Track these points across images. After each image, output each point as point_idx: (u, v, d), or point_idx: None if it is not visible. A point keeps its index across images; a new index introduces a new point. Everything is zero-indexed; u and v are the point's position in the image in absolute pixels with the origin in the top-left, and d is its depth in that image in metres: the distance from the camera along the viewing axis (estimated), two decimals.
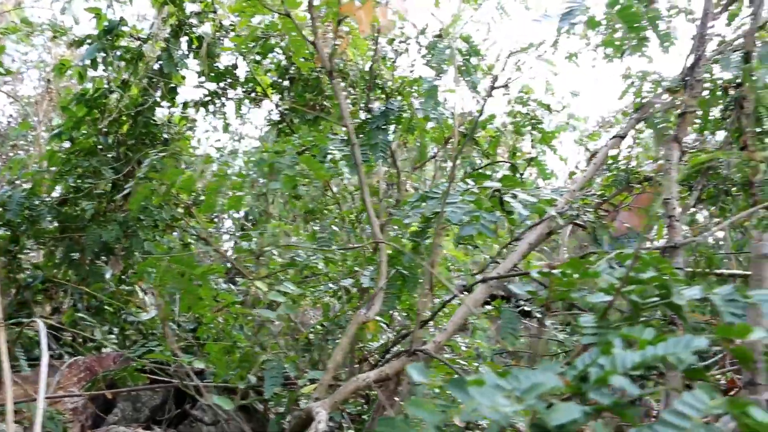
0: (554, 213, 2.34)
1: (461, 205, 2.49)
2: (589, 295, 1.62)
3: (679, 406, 1.20)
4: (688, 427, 1.17)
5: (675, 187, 2.37)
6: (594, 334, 1.59)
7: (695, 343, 1.34)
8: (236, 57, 5.10)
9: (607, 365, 1.31)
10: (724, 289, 1.54)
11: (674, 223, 2.30)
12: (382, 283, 2.65)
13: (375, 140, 3.55)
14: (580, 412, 1.20)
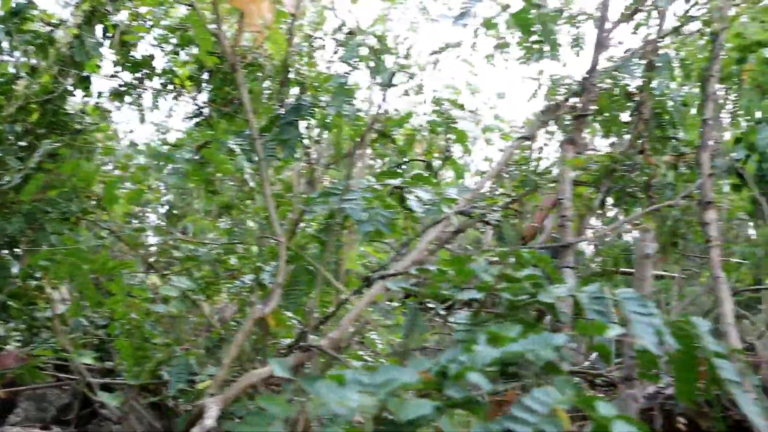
0: (449, 212, 2.35)
1: (360, 202, 2.48)
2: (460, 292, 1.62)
3: (527, 401, 1.21)
4: (535, 421, 1.18)
5: (568, 188, 2.41)
6: (466, 331, 1.60)
7: (554, 340, 1.36)
8: (154, 47, 4.97)
9: (466, 361, 1.31)
10: (591, 288, 1.57)
11: (566, 222, 2.34)
12: (280, 279, 2.62)
13: (286, 136, 3.50)
14: (430, 408, 1.20)
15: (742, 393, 1.50)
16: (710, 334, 1.58)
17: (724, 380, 1.52)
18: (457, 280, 1.71)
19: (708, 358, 1.56)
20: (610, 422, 1.19)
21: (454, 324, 1.62)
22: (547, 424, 1.17)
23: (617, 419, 1.20)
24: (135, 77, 5.03)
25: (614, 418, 1.20)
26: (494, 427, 1.16)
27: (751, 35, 4.37)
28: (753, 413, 1.48)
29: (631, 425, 1.18)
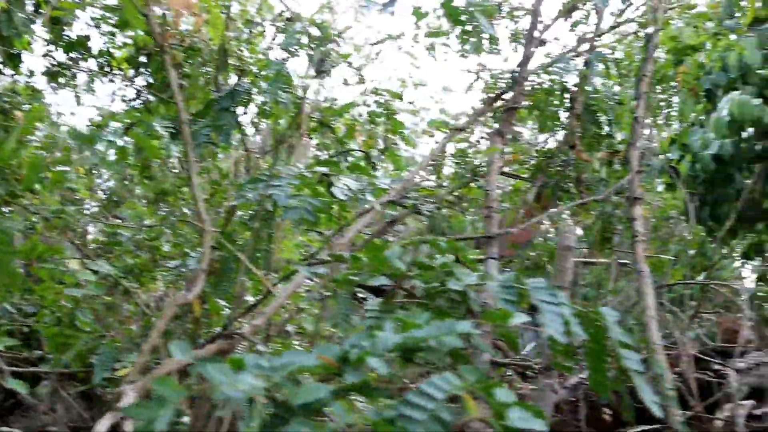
0: (373, 201, 2.33)
1: (286, 188, 2.45)
2: (370, 278, 1.61)
3: (425, 387, 1.20)
4: (432, 408, 1.17)
5: (495, 180, 2.42)
6: (377, 317, 1.58)
7: (459, 327, 1.35)
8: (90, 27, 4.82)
9: (367, 346, 1.30)
10: (504, 277, 1.57)
11: (492, 214, 2.34)
12: (204, 265, 2.57)
13: (221, 121, 3.44)
14: (326, 392, 1.18)
15: (644, 382, 1.52)
16: (619, 325, 1.59)
17: (627, 369, 1.53)
18: (373, 268, 1.70)
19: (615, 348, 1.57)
20: (506, 409, 1.19)
21: (366, 310, 1.60)
22: (444, 410, 1.16)
23: (514, 406, 1.19)
24: (70, 57, 4.87)
25: (511, 404, 1.20)
26: (389, 413, 1.14)
27: (685, 39, 4.47)
28: (652, 402, 1.50)
29: (526, 412, 1.18)
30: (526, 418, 1.17)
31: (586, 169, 3.25)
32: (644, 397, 1.50)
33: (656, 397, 1.51)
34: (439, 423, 1.15)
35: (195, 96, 4.15)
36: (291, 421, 1.13)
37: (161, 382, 1.18)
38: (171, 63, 2.90)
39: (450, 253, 1.79)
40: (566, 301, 1.53)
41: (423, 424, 1.15)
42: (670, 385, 2.58)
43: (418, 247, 1.67)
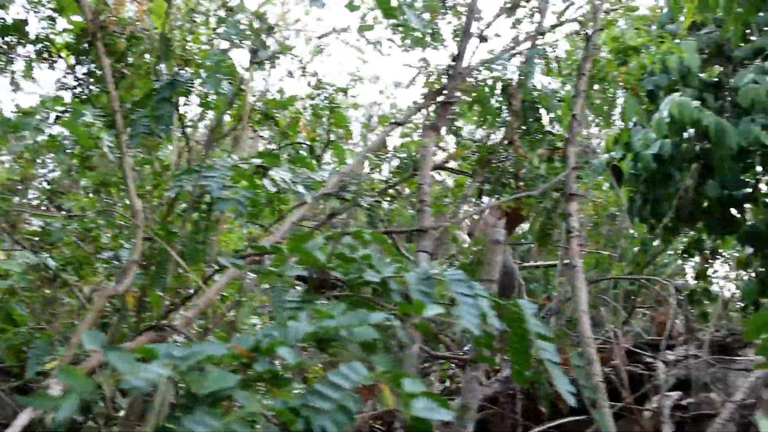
0: (305, 192, 2.32)
1: (220, 179, 2.42)
2: (290, 269, 1.61)
3: (332, 377, 1.21)
4: (338, 397, 1.18)
5: (428, 173, 2.43)
6: (297, 308, 1.58)
7: (371, 318, 1.36)
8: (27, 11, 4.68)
9: (278, 336, 1.30)
10: (420, 269, 1.58)
11: (424, 208, 2.36)
12: (136, 256, 2.53)
13: (160, 111, 3.38)
14: (233, 381, 1.17)
15: (560, 373, 1.55)
16: (535, 317, 1.62)
17: (544, 360, 1.56)
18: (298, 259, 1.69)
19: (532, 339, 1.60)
20: (413, 399, 1.20)
21: (287, 301, 1.60)
22: (350, 400, 1.17)
23: (421, 396, 1.20)
24: (5, 42, 4.73)
25: (419, 395, 1.21)
26: (294, 402, 1.14)
27: (628, 40, 4.56)
28: (567, 392, 1.53)
29: (433, 402, 1.19)
30: (432, 408, 1.18)
31: (523, 165, 3.30)
32: (559, 387, 1.53)
33: (571, 387, 1.54)
34: (344, 413, 1.15)
35: (137, 85, 4.08)
36: (195, 410, 1.12)
37: (65, 373, 1.16)
38: (104, 51, 2.84)
39: (375, 245, 1.80)
40: (484, 294, 1.55)
41: (328, 413, 1.15)
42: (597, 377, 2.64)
43: (340, 239, 1.67)
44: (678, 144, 6.00)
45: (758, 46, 6.03)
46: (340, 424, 1.14)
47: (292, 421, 1.11)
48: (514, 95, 3.24)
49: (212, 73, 3.31)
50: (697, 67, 5.94)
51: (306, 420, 1.13)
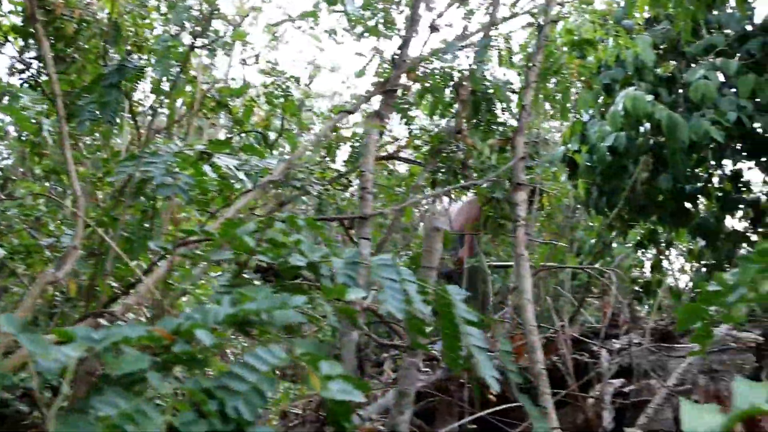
0: (246, 180, 2.32)
1: (162, 166, 2.40)
2: (217, 253, 1.61)
3: (249, 359, 1.21)
4: (254, 380, 1.18)
5: (371, 161, 2.44)
6: (225, 292, 1.58)
7: (292, 301, 1.37)
8: None
9: (198, 319, 1.30)
10: (348, 253, 1.59)
11: (366, 195, 2.37)
12: (77, 242, 2.50)
13: (107, 98, 3.34)
14: (148, 363, 1.17)
15: (486, 359, 1.57)
16: (464, 303, 1.64)
17: (470, 346, 1.58)
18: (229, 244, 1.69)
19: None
20: (329, 381, 1.21)
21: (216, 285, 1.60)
22: (265, 382, 1.18)
23: (338, 378, 1.22)
24: None
25: (335, 377, 1.22)
26: (209, 383, 1.15)
27: (583, 34, 4.61)
28: (491, 378, 1.55)
29: (348, 384, 1.21)
30: (347, 390, 1.19)
31: (472, 155, 3.33)
32: (485, 373, 1.55)
33: (496, 373, 1.57)
34: (258, 395, 1.16)
35: (87, 71, 4.02)
36: (106, 392, 1.12)
37: None
38: (45, 33, 2.79)
39: (309, 231, 1.81)
40: (411, 279, 1.57)
41: (243, 395, 1.16)
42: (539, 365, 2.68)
43: (272, 224, 1.68)
44: (633, 137, 6.10)
45: (710, 43, 6.14)
46: (253, 405, 1.14)
47: (204, 402, 1.11)
48: (462, 85, 3.26)
49: (161, 59, 3.27)
50: (652, 62, 6.03)
51: (219, 401, 1.13)
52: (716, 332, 2.95)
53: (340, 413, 1.31)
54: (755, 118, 5.92)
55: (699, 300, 2.06)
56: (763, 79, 5.79)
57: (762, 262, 1.86)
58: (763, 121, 5.97)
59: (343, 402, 1.24)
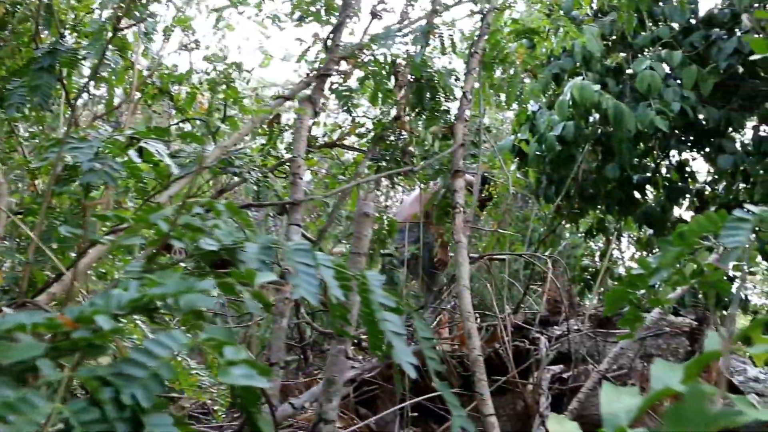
0: (172, 165, 2.27)
1: (89, 151, 2.34)
2: (126, 237, 1.57)
3: (148, 344, 1.18)
4: (154, 365, 1.16)
5: (303, 146, 2.42)
6: (138, 278, 1.54)
7: (200, 285, 1.34)
8: None
9: (100, 304, 1.26)
10: (263, 238, 1.57)
11: (297, 180, 2.35)
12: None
13: (37, 81, 3.23)
14: (42, 350, 1.13)
15: (402, 344, 1.56)
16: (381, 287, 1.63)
17: (386, 331, 1.57)
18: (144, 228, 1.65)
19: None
20: (231, 366, 1.19)
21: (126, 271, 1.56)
22: (165, 368, 1.15)
23: (241, 363, 1.19)
24: None
25: (238, 362, 1.20)
26: (103, 371, 1.11)
27: (528, 23, 4.64)
28: (407, 363, 1.54)
29: (252, 369, 1.18)
30: (249, 375, 1.17)
31: (411, 142, 3.32)
32: (401, 359, 1.53)
33: (413, 359, 1.55)
34: (157, 381, 1.13)
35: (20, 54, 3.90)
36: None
37: None
38: None
39: (229, 215, 1.78)
40: (328, 264, 1.55)
41: (141, 381, 1.13)
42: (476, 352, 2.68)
43: (191, 209, 1.64)
44: (582, 126, 6.17)
45: (656, 35, 6.24)
46: (150, 392, 1.12)
47: (97, 389, 1.08)
48: (400, 71, 3.26)
49: (93, 42, 3.18)
50: (600, 53, 6.10)
51: (115, 388, 1.10)
52: (650, 317, 3.00)
53: (248, 399, 1.29)
54: (698, 109, 6.04)
55: (624, 284, 2.08)
56: (705, 71, 5.90)
57: (682, 245, 1.89)
58: (705, 112, 6.09)
59: (250, 388, 1.22)
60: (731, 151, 6.16)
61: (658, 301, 2.10)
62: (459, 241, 2.98)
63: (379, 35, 3.14)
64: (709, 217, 1.85)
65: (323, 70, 2.72)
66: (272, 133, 3.53)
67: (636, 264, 2.09)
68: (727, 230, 1.70)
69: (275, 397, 2.28)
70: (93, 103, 4.65)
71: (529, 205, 8.72)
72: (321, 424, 1.92)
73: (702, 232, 1.85)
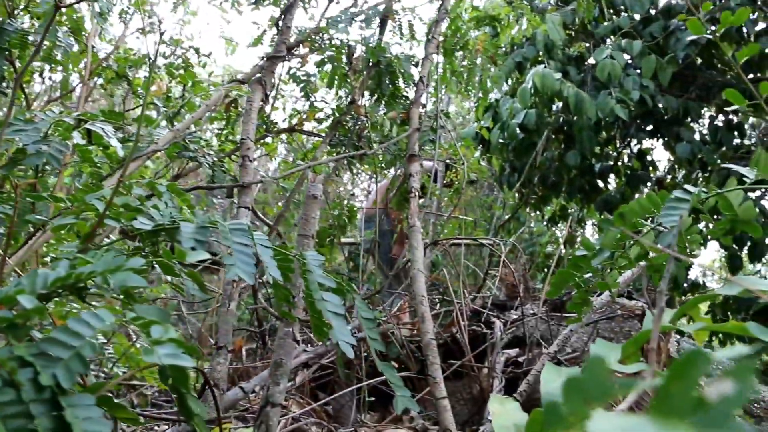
0: (118, 147, 2.24)
1: (33, 133, 2.30)
2: (59, 218, 1.55)
3: (72, 324, 1.17)
4: (77, 345, 1.14)
5: (252, 128, 2.40)
6: (71, 259, 1.52)
7: (129, 263, 1.32)
8: None
9: (24, 284, 1.24)
10: (200, 218, 1.56)
11: (247, 163, 2.33)
12: None
13: None
14: None
15: (341, 325, 1.56)
16: (321, 269, 1.63)
17: (324, 312, 1.57)
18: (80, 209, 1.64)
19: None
20: (158, 345, 1.18)
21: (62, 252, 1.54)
22: (87, 348, 1.14)
23: (167, 342, 1.19)
24: None
25: (165, 341, 1.19)
26: (21, 351, 1.10)
27: (489, 10, 4.64)
28: (346, 345, 1.54)
29: (177, 348, 1.18)
30: (175, 354, 1.16)
31: (367, 126, 3.31)
32: (339, 339, 1.54)
33: (352, 340, 1.56)
34: (80, 360, 1.12)
35: None
36: None
37: None
38: None
39: (171, 197, 1.76)
40: (267, 244, 1.54)
41: (64, 361, 1.11)
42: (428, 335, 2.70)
43: (131, 191, 1.62)
44: (543, 114, 6.22)
45: (617, 24, 6.30)
46: (72, 372, 1.10)
47: (14, 370, 1.07)
48: (355, 55, 3.25)
49: (42, 23, 3.12)
50: (562, 42, 6.15)
51: (34, 369, 1.09)
52: (600, 300, 3.04)
53: (178, 380, 1.28)
54: (657, 98, 6.12)
55: (569, 266, 2.09)
56: (664, 61, 5.97)
57: (622, 224, 1.91)
58: (664, 101, 6.17)
59: (180, 368, 1.22)
60: (688, 139, 6.25)
61: (605, 285, 2.13)
62: (413, 225, 2.99)
63: (335, 19, 3.13)
64: (650, 198, 1.87)
65: (274, 53, 2.70)
66: (229, 117, 3.50)
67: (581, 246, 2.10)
68: (666, 210, 1.72)
69: (223, 380, 2.27)
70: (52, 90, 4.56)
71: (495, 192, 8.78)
72: (268, 407, 1.92)
73: (643, 212, 1.87)
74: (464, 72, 4.61)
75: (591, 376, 0.62)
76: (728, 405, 0.47)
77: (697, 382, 0.49)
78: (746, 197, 1.73)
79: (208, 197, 6.91)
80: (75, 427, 1.03)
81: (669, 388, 0.50)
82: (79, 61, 3.98)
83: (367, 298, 3.45)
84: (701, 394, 0.48)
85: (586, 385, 0.61)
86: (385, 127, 3.56)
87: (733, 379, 0.47)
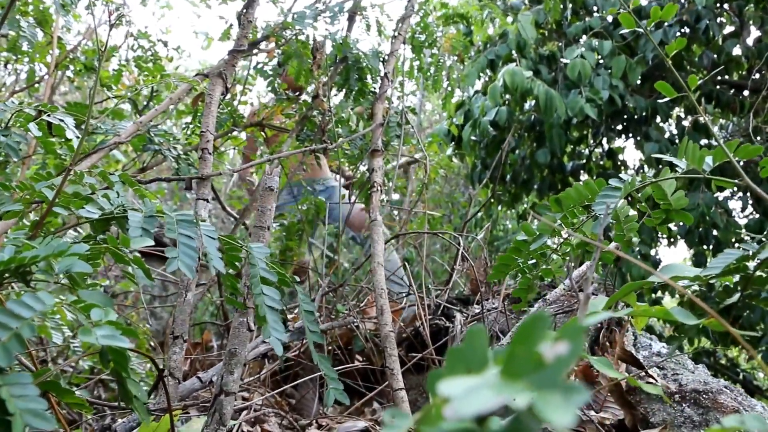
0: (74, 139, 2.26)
1: None
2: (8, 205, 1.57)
3: (12, 306, 1.20)
4: (16, 326, 1.17)
5: (212, 122, 2.43)
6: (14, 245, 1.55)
7: (74, 248, 1.36)
8: None
9: None
10: (148, 204, 1.59)
11: (206, 155, 2.36)
12: None
13: None
14: None
15: (275, 319, 1.59)
16: (266, 262, 1.66)
17: (260, 306, 1.60)
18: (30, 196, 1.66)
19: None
20: (94, 327, 1.21)
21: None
22: (26, 329, 1.17)
23: (105, 325, 1.22)
24: None
25: (103, 323, 1.22)
26: None
27: (458, 8, 4.70)
28: (276, 341, 1.57)
29: (115, 330, 1.21)
30: (112, 335, 1.20)
31: (330, 120, 3.35)
32: (271, 334, 1.56)
33: (283, 336, 1.58)
34: (18, 341, 1.15)
35: None
36: None
37: None
38: None
39: (123, 186, 1.79)
40: (213, 236, 1.58)
41: (2, 342, 1.14)
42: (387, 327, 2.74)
43: (82, 179, 1.65)
44: (514, 112, 6.30)
45: (588, 24, 6.39)
46: (9, 352, 1.13)
47: None
48: (318, 49, 3.28)
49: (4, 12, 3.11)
50: (534, 40, 6.22)
51: None
52: (554, 292, 3.10)
53: (118, 362, 1.32)
54: (626, 98, 6.22)
55: (509, 250, 2.12)
56: (634, 61, 6.07)
57: (559, 210, 1.96)
58: (633, 101, 6.27)
59: (120, 351, 1.25)
60: (657, 139, 6.36)
61: (550, 272, 2.18)
62: (375, 219, 3.03)
63: (300, 14, 3.16)
64: (587, 185, 1.92)
65: (235, 47, 2.73)
66: (197, 111, 3.52)
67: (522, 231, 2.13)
68: (599, 198, 1.78)
69: (178, 370, 2.30)
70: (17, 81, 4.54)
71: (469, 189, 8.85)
72: (222, 396, 1.96)
73: (580, 198, 1.92)
74: (430, 68, 4.66)
75: (470, 346, 0.67)
76: (561, 364, 0.52)
77: (537, 344, 0.54)
78: (678, 188, 1.79)
79: (180, 192, 6.92)
80: (9, 405, 1.07)
81: (514, 350, 0.55)
82: (46, 53, 3.98)
83: (331, 291, 3.49)
84: (541, 355, 0.53)
85: (466, 354, 0.66)
86: (352, 123, 3.60)
87: (566, 340, 0.53)
